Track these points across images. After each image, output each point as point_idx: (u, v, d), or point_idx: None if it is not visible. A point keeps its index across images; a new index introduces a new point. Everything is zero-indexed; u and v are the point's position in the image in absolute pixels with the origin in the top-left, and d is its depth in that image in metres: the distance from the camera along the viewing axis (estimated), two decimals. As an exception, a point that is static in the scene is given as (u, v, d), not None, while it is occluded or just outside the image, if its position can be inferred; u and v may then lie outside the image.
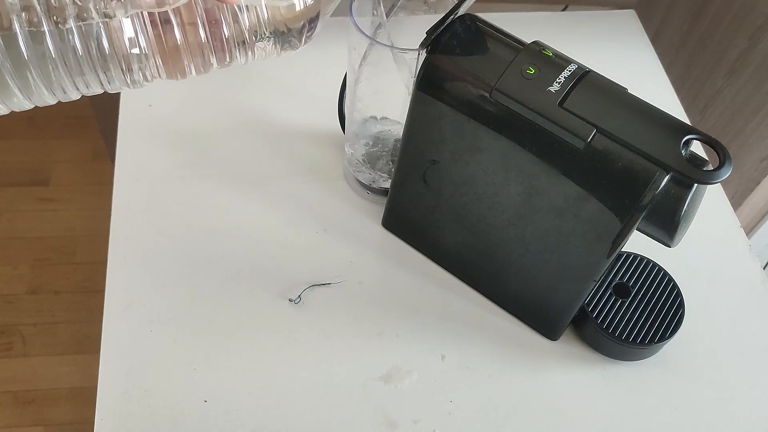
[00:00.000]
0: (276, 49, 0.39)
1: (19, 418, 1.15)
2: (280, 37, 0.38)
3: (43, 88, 0.34)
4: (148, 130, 0.65)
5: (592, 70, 0.44)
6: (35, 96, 0.34)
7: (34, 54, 0.32)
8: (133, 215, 0.59)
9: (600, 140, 0.42)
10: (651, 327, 0.52)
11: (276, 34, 0.38)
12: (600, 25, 0.78)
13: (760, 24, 0.75)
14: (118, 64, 0.35)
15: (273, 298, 0.55)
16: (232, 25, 0.36)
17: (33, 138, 1.49)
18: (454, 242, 0.55)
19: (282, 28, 0.37)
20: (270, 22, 0.37)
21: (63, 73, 0.34)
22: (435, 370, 0.52)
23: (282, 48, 0.39)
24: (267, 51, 0.38)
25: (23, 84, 0.33)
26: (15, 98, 0.34)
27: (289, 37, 0.38)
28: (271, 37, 0.38)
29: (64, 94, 0.35)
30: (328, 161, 0.64)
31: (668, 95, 0.72)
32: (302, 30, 0.38)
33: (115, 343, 0.52)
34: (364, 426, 0.50)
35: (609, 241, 0.45)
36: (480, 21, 0.46)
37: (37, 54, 0.33)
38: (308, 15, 0.38)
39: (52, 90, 0.34)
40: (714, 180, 0.40)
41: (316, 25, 0.39)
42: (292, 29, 0.38)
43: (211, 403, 0.50)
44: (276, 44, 0.38)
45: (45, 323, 1.25)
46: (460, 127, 0.47)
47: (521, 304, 0.55)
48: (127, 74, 0.36)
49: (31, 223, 1.37)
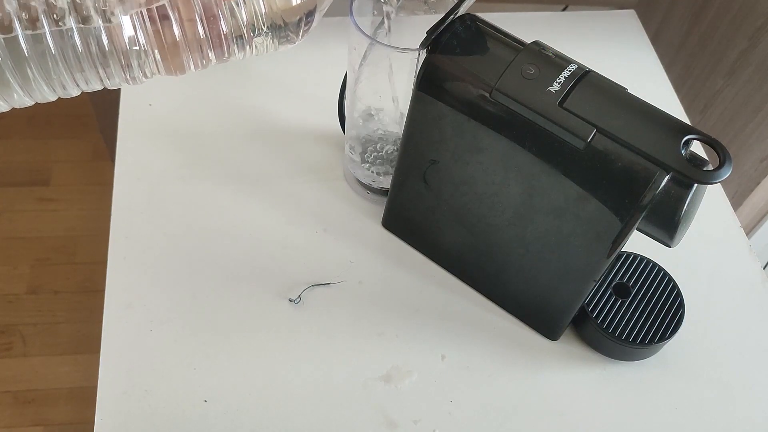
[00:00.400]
0: (274, 44, 0.39)
1: (19, 418, 1.16)
2: (278, 31, 0.38)
3: (44, 85, 0.34)
4: (148, 129, 0.65)
5: (592, 70, 0.44)
6: (35, 92, 0.35)
7: (35, 51, 0.33)
8: (133, 215, 0.59)
9: (600, 140, 0.42)
10: (651, 327, 0.52)
11: (273, 29, 0.38)
12: (600, 25, 0.78)
13: (760, 24, 0.75)
14: (117, 61, 0.35)
15: (273, 298, 0.55)
16: (230, 21, 0.36)
17: (33, 138, 1.49)
18: (454, 242, 0.55)
19: (279, 22, 0.38)
20: (267, 16, 0.37)
21: (63, 69, 0.34)
22: (435, 370, 0.52)
23: (279, 42, 0.39)
24: (265, 46, 0.39)
25: (24, 80, 0.34)
26: (15, 94, 0.34)
27: (286, 31, 0.38)
28: (268, 32, 0.38)
29: (64, 90, 0.35)
30: (328, 161, 0.64)
31: (668, 95, 0.72)
32: (299, 24, 0.39)
33: (115, 343, 0.52)
34: (364, 426, 0.50)
35: (609, 241, 0.45)
36: (480, 21, 0.46)
37: (37, 51, 0.33)
38: (305, 9, 0.38)
39: (52, 86, 0.35)
40: (714, 180, 0.40)
41: (313, 18, 0.39)
42: (288, 23, 0.38)
43: (211, 403, 0.50)
44: (274, 39, 0.38)
45: (45, 323, 1.25)
46: (460, 127, 0.47)
47: (521, 304, 0.55)
48: (127, 70, 0.36)
49: (31, 223, 1.37)
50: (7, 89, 0.34)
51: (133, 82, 0.37)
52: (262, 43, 0.38)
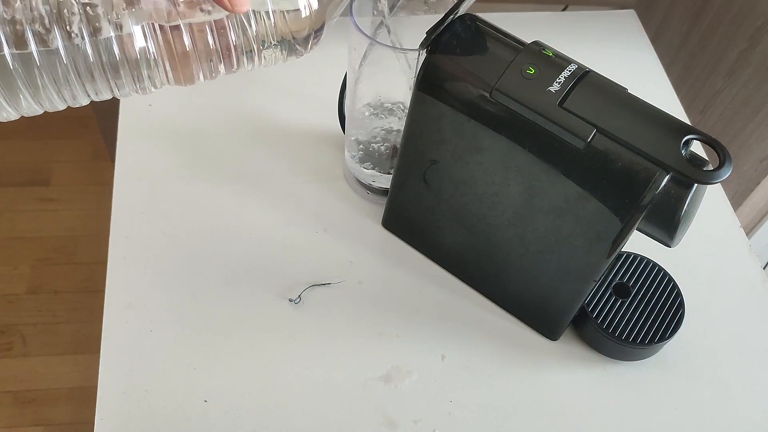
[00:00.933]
0: (282, 56, 0.39)
1: (19, 418, 1.15)
2: (286, 44, 0.38)
3: (54, 94, 0.35)
4: (148, 130, 0.65)
5: (592, 70, 0.44)
6: (46, 101, 0.35)
7: (46, 61, 0.33)
8: (133, 215, 0.59)
9: (600, 140, 0.42)
10: (651, 327, 0.52)
11: (282, 42, 0.38)
12: (600, 25, 0.78)
13: (759, 25, 0.75)
14: (128, 71, 0.35)
15: (273, 298, 0.55)
16: (240, 34, 0.37)
17: (33, 138, 1.49)
18: (454, 242, 0.55)
19: (288, 37, 0.38)
20: (277, 32, 0.38)
21: (74, 79, 0.35)
22: (435, 370, 0.52)
23: (288, 55, 0.40)
24: (273, 58, 0.39)
25: (34, 90, 0.34)
26: (25, 102, 0.35)
27: (295, 45, 0.39)
28: (277, 45, 0.38)
29: (74, 100, 0.36)
30: (328, 161, 0.64)
31: (668, 95, 0.72)
32: (308, 38, 0.39)
33: (115, 343, 0.52)
34: (364, 426, 0.50)
35: (609, 241, 0.45)
36: (480, 21, 0.46)
37: (48, 62, 0.33)
38: (314, 26, 0.39)
39: (62, 96, 0.35)
40: (714, 180, 0.40)
41: (322, 32, 0.40)
42: (297, 38, 0.38)
43: (211, 403, 0.50)
44: (282, 51, 0.39)
45: (45, 323, 1.25)
46: (460, 127, 0.47)
47: (521, 304, 0.55)
48: (137, 81, 0.36)
49: (32, 223, 1.37)
50: (16, 99, 0.34)
51: (143, 92, 0.38)
52: (271, 54, 0.39)
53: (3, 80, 0.33)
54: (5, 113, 0.35)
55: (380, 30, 0.52)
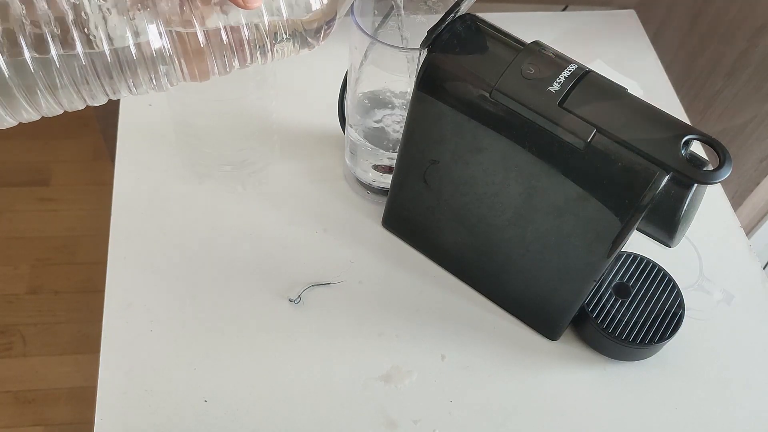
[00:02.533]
0: (295, 49, 0.40)
1: (19, 418, 1.15)
2: (299, 38, 0.39)
3: (73, 93, 0.35)
4: (148, 129, 0.65)
5: (592, 70, 0.44)
6: (65, 101, 0.35)
7: (65, 62, 0.34)
8: (133, 215, 0.59)
9: (600, 140, 0.42)
10: (651, 327, 0.52)
11: (294, 36, 0.38)
12: (600, 25, 0.78)
13: (759, 25, 0.75)
14: (145, 69, 0.36)
15: (273, 298, 0.55)
16: (253, 29, 0.37)
17: (33, 138, 1.49)
18: (454, 242, 0.55)
19: (300, 30, 0.38)
20: (289, 25, 0.38)
21: (93, 80, 0.35)
22: (435, 370, 0.52)
23: (300, 48, 0.40)
24: (286, 51, 0.39)
25: (53, 91, 0.35)
26: (43, 101, 0.35)
27: (307, 38, 0.39)
28: (290, 39, 0.38)
29: (93, 99, 0.36)
30: (328, 161, 0.64)
31: (668, 95, 0.72)
32: (319, 30, 0.39)
33: (115, 343, 0.52)
34: (364, 426, 0.50)
35: (609, 241, 0.45)
36: (480, 21, 0.46)
37: (68, 62, 0.34)
38: (326, 18, 0.39)
39: (81, 95, 0.36)
40: (714, 180, 0.40)
41: (333, 24, 0.40)
42: (309, 30, 0.39)
43: (211, 403, 0.50)
44: (294, 44, 0.39)
45: (45, 323, 1.25)
46: (460, 127, 0.47)
47: (521, 304, 0.55)
48: (154, 79, 0.37)
49: (32, 223, 1.37)
50: (36, 101, 0.35)
51: (159, 90, 0.38)
52: (283, 48, 0.39)
53: (23, 81, 0.33)
54: (26, 114, 0.35)
55: (381, 30, 0.52)
